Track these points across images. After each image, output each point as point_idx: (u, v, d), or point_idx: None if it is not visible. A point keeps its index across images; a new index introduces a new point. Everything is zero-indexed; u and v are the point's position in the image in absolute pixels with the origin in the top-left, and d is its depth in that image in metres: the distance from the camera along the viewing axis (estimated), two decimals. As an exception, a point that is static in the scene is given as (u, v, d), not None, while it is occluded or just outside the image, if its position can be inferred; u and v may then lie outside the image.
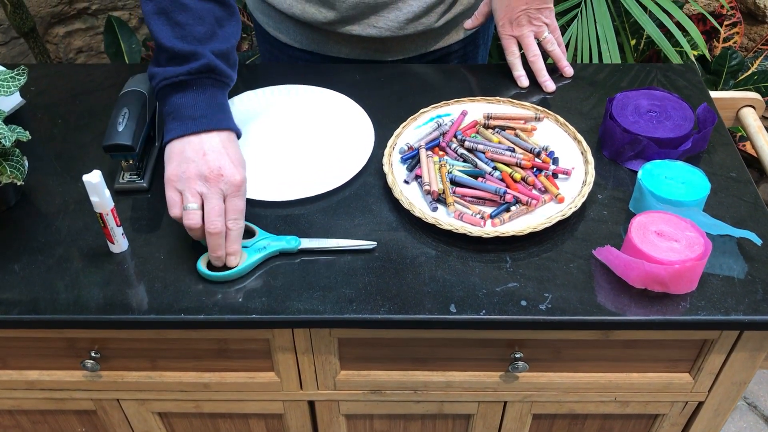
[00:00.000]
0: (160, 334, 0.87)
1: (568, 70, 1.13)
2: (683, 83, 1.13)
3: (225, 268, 0.84)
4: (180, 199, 0.83)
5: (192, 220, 0.81)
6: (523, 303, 0.81)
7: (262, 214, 0.92)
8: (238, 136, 0.88)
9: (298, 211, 0.92)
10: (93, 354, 0.90)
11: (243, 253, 0.85)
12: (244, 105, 1.07)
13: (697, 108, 1.02)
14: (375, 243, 0.87)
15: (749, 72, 1.91)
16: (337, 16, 1.10)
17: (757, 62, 1.91)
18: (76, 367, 0.94)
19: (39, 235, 0.90)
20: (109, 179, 0.95)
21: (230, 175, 0.82)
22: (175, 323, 0.81)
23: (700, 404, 0.96)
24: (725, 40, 1.96)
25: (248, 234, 0.87)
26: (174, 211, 0.83)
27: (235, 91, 1.09)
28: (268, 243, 0.86)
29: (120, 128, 0.91)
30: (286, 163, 0.99)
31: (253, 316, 0.81)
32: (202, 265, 0.84)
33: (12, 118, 1.06)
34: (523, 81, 1.12)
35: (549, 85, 1.11)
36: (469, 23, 1.18)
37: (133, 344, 0.90)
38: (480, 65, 1.20)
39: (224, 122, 0.86)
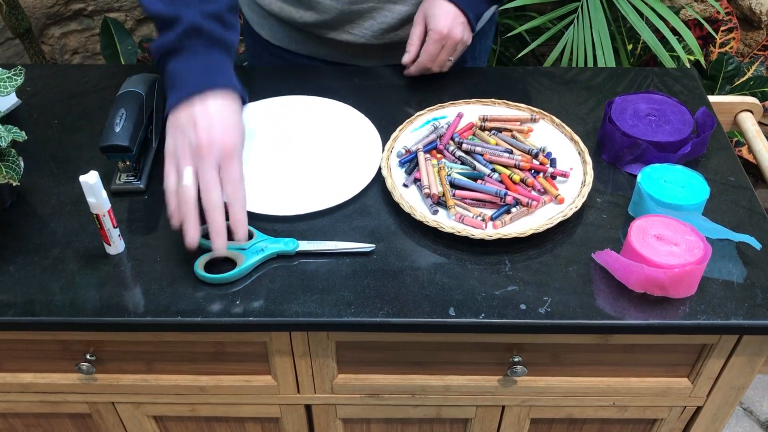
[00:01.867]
0: (156, 336, 0.87)
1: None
2: (681, 88, 1.13)
3: (223, 269, 0.84)
4: (176, 173, 0.80)
5: (185, 194, 0.78)
6: (523, 307, 0.81)
7: (262, 217, 0.91)
8: (242, 97, 0.85)
9: (296, 214, 0.92)
10: (88, 356, 0.89)
11: (240, 255, 0.84)
12: (247, 117, 1.05)
13: (695, 112, 1.02)
14: (373, 245, 0.86)
15: (745, 77, 1.91)
16: (313, 19, 1.10)
17: (753, 67, 1.92)
18: (71, 369, 0.93)
19: (34, 236, 0.89)
20: (106, 180, 0.95)
21: (220, 141, 0.79)
22: (171, 326, 0.80)
23: (699, 409, 0.96)
24: (721, 45, 1.97)
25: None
26: (168, 180, 0.80)
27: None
28: (266, 245, 0.86)
29: (117, 129, 0.90)
30: (294, 178, 0.97)
31: (251, 318, 0.80)
32: (199, 267, 0.84)
33: (8, 119, 1.05)
34: (405, 58, 1.08)
35: (411, 69, 1.09)
36: (407, 58, 1.08)
37: (129, 347, 0.89)
38: (474, 68, 1.20)
39: (220, 82, 0.82)
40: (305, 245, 0.86)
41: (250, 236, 0.87)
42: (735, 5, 2.07)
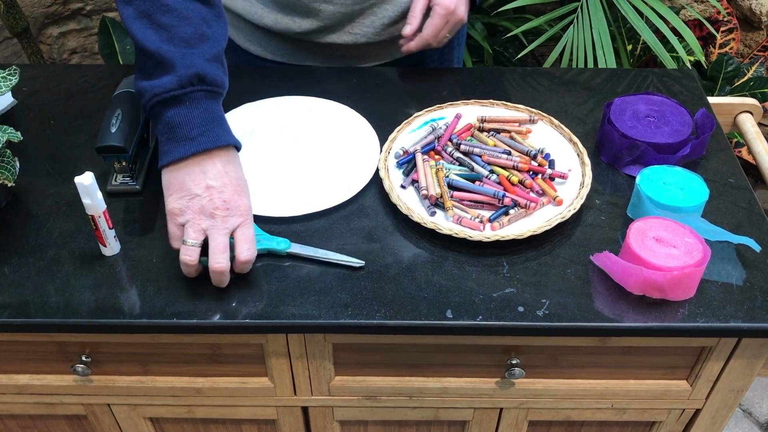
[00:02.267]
0: (152, 338, 0.86)
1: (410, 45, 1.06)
2: (680, 88, 1.12)
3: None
4: (182, 234, 0.79)
5: (190, 256, 0.78)
6: (520, 309, 0.80)
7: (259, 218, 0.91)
8: (238, 148, 0.83)
9: (292, 215, 0.91)
10: (84, 358, 0.89)
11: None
12: (243, 118, 1.05)
13: (695, 113, 1.01)
14: (363, 262, 0.85)
15: (745, 78, 1.91)
16: (314, 26, 1.08)
17: (753, 68, 1.91)
18: (66, 371, 0.92)
19: (30, 237, 0.89)
20: (102, 181, 0.94)
21: (236, 208, 0.78)
22: (167, 327, 0.80)
23: (698, 411, 0.96)
24: (721, 46, 1.96)
25: None
26: (176, 244, 0.80)
27: (228, 102, 1.08)
28: (259, 240, 0.85)
29: (113, 130, 0.89)
30: (292, 178, 0.96)
31: (247, 320, 0.80)
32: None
33: (3, 119, 1.05)
34: (407, 29, 1.04)
35: (411, 44, 1.05)
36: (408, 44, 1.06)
37: (125, 348, 0.89)
38: (472, 68, 1.19)
39: (223, 138, 0.79)
40: (296, 248, 0.86)
41: None
42: (735, 6, 2.06)
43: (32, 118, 1.07)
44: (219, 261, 0.78)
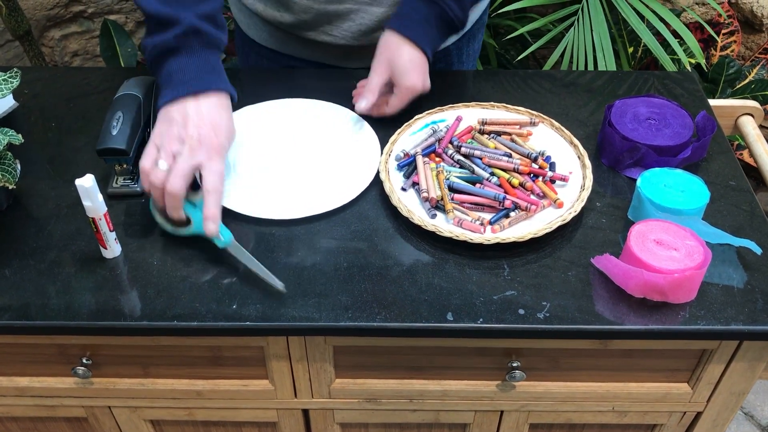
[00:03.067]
0: (152, 340, 0.86)
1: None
2: (681, 91, 1.12)
3: (181, 224, 0.86)
4: (156, 155, 0.84)
5: (156, 178, 0.82)
6: (521, 311, 0.80)
7: (257, 221, 0.91)
8: (233, 97, 0.89)
9: (293, 217, 0.91)
10: (84, 360, 0.89)
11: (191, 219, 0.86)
12: (245, 120, 1.05)
13: (695, 116, 1.01)
14: (284, 290, 0.82)
15: (747, 80, 1.91)
16: (293, 20, 1.09)
17: (755, 71, 1.91)
18: (67, 373, 0.92)
19: (30, 240, 0.89)
20: (103, 183, 0.94)
21: (208, 143, 0.83)
22: (167, 330, 0.80)
23: (699, 414, 0.95)
24: (723, 48, 1.96)
25: (196, 186, 0.87)
26: (144, 161, 0.83)
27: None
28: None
29: (114, 132, 0.90)
30: (292, 181, 0.96)
31: (247, 323, 0.80)
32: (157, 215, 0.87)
33: (4, 121, 1.05)
34: (362, 106, 1.00)
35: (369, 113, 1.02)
36: (363, 105, 1.00)
37: (126, 351, 0.89)
38: (474, 71, 1.19)
39: (214, 84, 0.87)
40: (233, 250, 0.84)
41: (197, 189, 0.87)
42: (736, 8, 2.06)
43: (33, 121, 1.07)
44: (173, 183, 0.81)
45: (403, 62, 0.98)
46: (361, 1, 1.06)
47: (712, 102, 1.12)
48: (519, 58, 1.63)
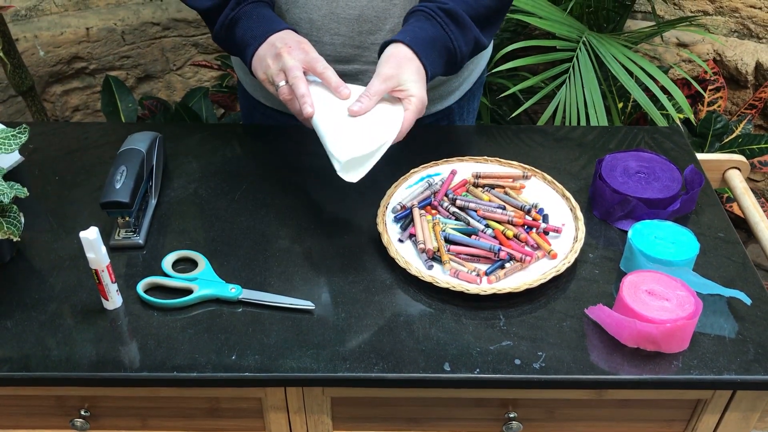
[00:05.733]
0: (151, 392, 0.87)
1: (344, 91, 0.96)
2: (670, 145, 1.16)
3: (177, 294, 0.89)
4: (270, 81, 0.95)
5: (283, 95, 0.94)
6: (517, 362, 0.81)
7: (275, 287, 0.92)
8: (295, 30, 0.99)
9: (292, 267, 0.93)
10: (83, 412, 0.89)
11: (191, 287, 0.89)
12: None
13: (684, 169, 1.04)
14: (312, 305, 0.87)
15: (734, 135, 1.95)
16: None
17: (741, 125, 1.96)
18: (65, 426, 0.92)
19: (33, 292, 0.90)
20: (104, 235, 0.96)
21: (297, 44, 0.94)
22: (167, 381, 0.81)
23: (695, 466, 0.96)
24: (710, 104, 2.01)
25: (193, 264, 0.93)
26: (269, 87, 0.97)
27: (232, 151, 1.11)
28: (210, 286, 0.89)
29: (117, 186, 0.92)
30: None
31: (246, 374, 0.80)
32: (141, 289, 0.88)
33: (9, 175, 1.07)
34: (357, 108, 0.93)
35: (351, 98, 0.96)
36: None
37: (124, 402, 0.89)
38: (468, 126, 1.22)
39: (275, 27, 0.97)
40: (248, 294, 0.88)
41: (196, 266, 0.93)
42: (721, 65, 2.12)
43: (36, 174, 1.09)
44: (297, 87, 0.92)
45: (413, 74, 0.93)
46: (370, 61, 1.09)
47: (700, 156, 1.15)
48: (513, 115, 1.67)
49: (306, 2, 1.05)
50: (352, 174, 0.88)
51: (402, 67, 0.93)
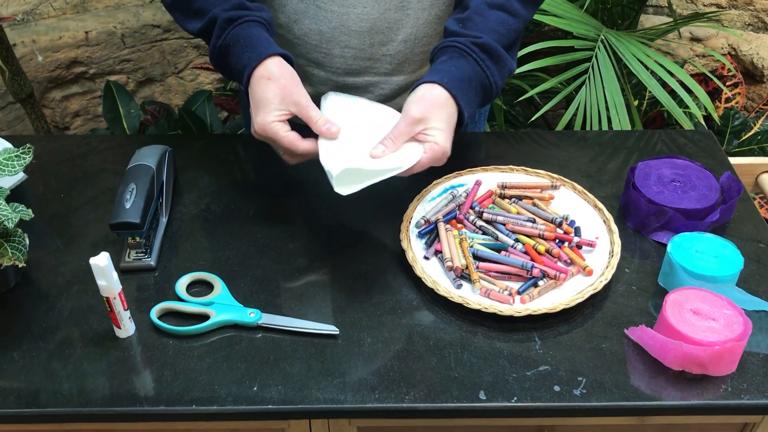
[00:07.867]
0: (169, 426, 0.82)
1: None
2: (699, 150, 1.11)
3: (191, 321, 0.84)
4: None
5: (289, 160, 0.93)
6: (557, 388, 0.77)
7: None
8: (286, 58, 0.92)
9: (312, 288, 0.88)
10: (95, 447, 0.84)
11: (208, 312, 0.84)
12: None
13: (718, 176, 0.99)
14: (337, 330, 0.82)
15: (752, 132, 1.90)
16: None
17: (760, 122, 1.91)
18: (76, 460, 0.87)
19: (40, 319, 0.85)
20: (114, 255, 0.91)
21: (261, 130, 0.89)
22: (186, 416, 0.76)
23: (739, 489, 0.91)
24: (727, 100, 1.96)
25: (208, 287, 0.89)
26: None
27: (244, 162, 1.06)
28: (229, 311, 0.84)
29: (128, 205, 0.87)
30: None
31: (270, 406, 0.76)
32: (155, 315, 0.84)
33: (12, 194, 1.02)
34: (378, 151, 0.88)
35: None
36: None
37: (139, 435, 0.84)
38: (489, 133, 1.18)
39: (256, 57, 0.89)
40: (268, 319, 0.84)
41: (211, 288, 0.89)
42: (737, 60, 2.07)
43: (41, 192, 1.04)
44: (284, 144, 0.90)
45: (442, 122, 0.87)
46: (381, 73, 1.05)
47: (732, 160, 1.10)
48: (533, 119, 1.62)
49: (316, 14, 0.99)
50: (344, 188, 0.84)
51: (432, 112, 0.87)
